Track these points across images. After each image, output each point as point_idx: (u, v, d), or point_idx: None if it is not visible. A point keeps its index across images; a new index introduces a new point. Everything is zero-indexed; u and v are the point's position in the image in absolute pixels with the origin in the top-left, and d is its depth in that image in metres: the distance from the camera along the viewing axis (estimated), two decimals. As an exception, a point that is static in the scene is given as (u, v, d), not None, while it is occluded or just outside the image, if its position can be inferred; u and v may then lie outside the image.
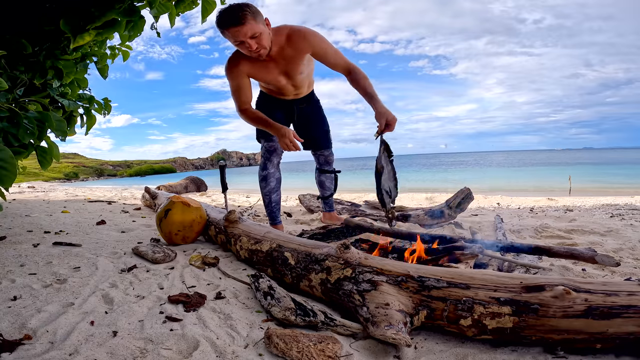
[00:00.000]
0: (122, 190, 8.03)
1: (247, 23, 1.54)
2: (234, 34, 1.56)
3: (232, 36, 1.58)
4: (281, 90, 1.97)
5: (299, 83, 1.95)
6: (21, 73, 1.56)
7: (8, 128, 1.24)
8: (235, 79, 1.79)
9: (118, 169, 45.08)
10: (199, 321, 1.00)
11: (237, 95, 1.83)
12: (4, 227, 2.28)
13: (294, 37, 1.73)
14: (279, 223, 2.18)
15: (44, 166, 1.43)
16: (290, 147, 1.71)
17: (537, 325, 0.82)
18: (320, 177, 2.34)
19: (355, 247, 1.24)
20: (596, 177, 10.13)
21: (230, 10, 1.54)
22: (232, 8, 1.55)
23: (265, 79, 1.86)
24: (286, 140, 1.69)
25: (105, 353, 0.83)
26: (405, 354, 0.86)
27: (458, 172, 18.29)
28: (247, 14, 1.53)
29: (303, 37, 1.74)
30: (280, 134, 1.71)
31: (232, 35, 1.57)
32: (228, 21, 1.54)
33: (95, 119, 2.12)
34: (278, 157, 2.12)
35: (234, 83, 1.81)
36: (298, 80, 1.92)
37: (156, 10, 1.52)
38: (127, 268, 1.47)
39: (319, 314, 0.99)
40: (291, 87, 1.96)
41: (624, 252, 1.62)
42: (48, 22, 1.54)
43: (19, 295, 1.15)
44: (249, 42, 1.58)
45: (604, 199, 3.97)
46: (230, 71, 1.80)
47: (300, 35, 1.73)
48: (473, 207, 3.32)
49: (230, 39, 1.60)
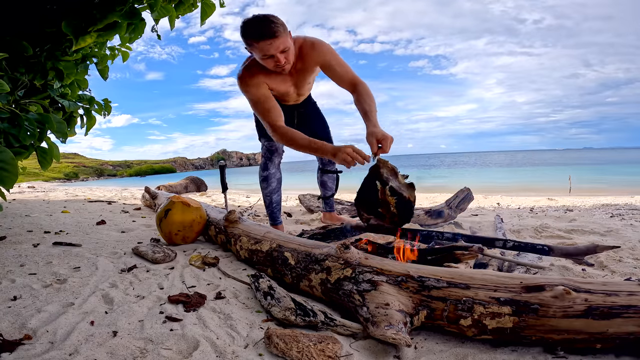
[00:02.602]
0: (122, 190, 8.04)
1: (280, 37, 1.45)
2: (265, 47, 1.45)
3: (262, 49, 1.46)
4: (284, 97, 1.92)
5: (304, 91, 1.95)
6: (22, 75, 1.56)
7: (9, 129, 1.24)
8: (258, 90, 1.63)
9: (118, 169, 45.09)
10: (199, 321, 1.00)
11: (266, 108, 1.62)
12: (4, 227, 2.28)
13: (304, 49, 1.67)
14: (279, 223, 2.18)
15: (44, 166, 1.44)
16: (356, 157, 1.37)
17: (537, 325, 0.82)
18: (323, 177, 2.34)
19: (355, 247, 1.24)
20: (596, 177, 10.13)
21: (261, 22, 1.43)
22: (261, 20, 1.44)
23: (280, 90, 1.78)
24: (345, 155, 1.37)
25: (105, 353, 0.83)
26: (405, 354, 0.86)
27: (458, 172, 18.29)
28: (280, 27, 1.44)
29: (312, 48, 1.66)
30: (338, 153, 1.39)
31: (262, 48, 1.46)
32: (260, 34, 1.43)
33: (95, 119, 2.12)
34: (279, 157, 2.12)
35: (257, 95, 1.63)
36: (304, 89, 1.92)
37: (157, 13, 1.52)
38: (127, 268, 1.47)
39: (319, 314, 0.99)
40: (295, 95, 1.94)
41: (624, 252, 1.62)
42: (49, 23, 1.54)
43: (19, 295, 1.15)
44: (278, 57, 1.49)
45: (604, 199, 3.97)
46: (249, 84, 1.63)
47: (311, 47, 1.67)
48: (473, 207, 3.32)
49: (257, 52, 1.49)
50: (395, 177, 1.35)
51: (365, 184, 1.36)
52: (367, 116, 1.52)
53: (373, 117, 1.51)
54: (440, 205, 2.42)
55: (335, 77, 1.71)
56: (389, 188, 1.32)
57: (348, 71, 1.70)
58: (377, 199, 1.34)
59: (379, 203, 1.35)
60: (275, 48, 1.46)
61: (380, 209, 1.35)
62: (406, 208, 1.35)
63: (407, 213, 1.36)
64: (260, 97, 1.63)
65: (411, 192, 1.36)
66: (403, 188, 1.35)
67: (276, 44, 1.45)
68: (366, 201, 1.37)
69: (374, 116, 1.52)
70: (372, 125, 1.46)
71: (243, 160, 67.79)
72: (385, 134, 1.38)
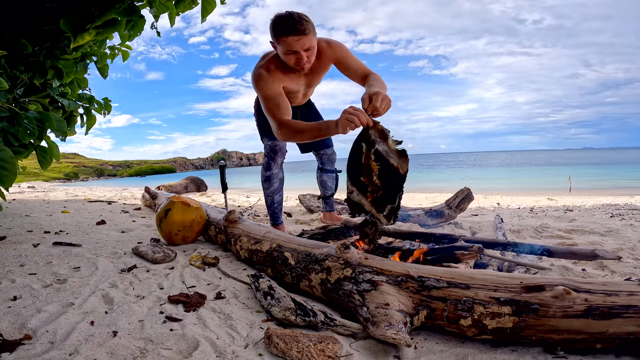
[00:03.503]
0: (122, 190, 8.03)
1: (308, 34, 1.48)
2: (293, 43, 1.48)
3: (289, 45, 1.49)
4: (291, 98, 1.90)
5: (311, 92, 1.96)
6: (21, 73, 1.56)
7: (8, 128, 1.24)
8: (271, 84, 1.63)
9: (118, 169, 45.07)
10: (199, 321, 1.00)
11: (276, 104, 1.60)
12: (4, 227, 2.28)
13: (321, 48, 1.66)
14: (280, 224, 2.18)
15: (44, 166, 1.43)
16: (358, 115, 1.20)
17: (537, 325, 0.82)
18: (323, 177, 2.34)
19: (355, 247, 1.24)
20: (596, 177, 10.13)
21: (293, 19, 1.46)
22: (293, 16, 1.47)
23: (292, 89, 1.79)
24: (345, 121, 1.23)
25: (105, 353, 0.83)
26: (405, 354, 0.86)
27: (458, 172, 18.29)
28: (309, 25, 1.48)
29: (328, 46, 1.69)
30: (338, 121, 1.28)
31: (290, 43, 1.48)
32: (291, 29, 1.46)
33: (95, 118, 2.12)
34: (282, 157, 2.11)
35: (271, 91, 1.62)
36: (312, 90, 1.93)
37: (156, 9, 1.52)
38: (127, 268, 1.47)
39: (319, 314, 0.99)
40: (301, 96, 1.95)
41: (624, 252, 1.62)
42: (48, 21, 1.54)
43: (19, 295, 1.15)
44: (302, 54, 1.51)
45: (604, 199, 3.98)
46: (265, 80, 1.63)
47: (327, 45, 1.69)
48: (473, 207, 3.32)
49: (283, 46, 1.51)
50: (384, 141, 1.18)
51: (353, 147, 1.21)
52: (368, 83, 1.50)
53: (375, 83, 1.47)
54: (440, 205, 2.42)
55: (350, 71, 1.71)
56: (374, 151, 1.16)
57: (361, 65, 1.72)
58: (361, 165, 1.19)
59: (363, 169, 1.19)
60: (302, 45, 1.49)
61: (362, 177, 1.19)
62: (392, 180, 1.17)
63: (393, 188, 1.17)
64: (274, 93, 1.62)
65: (401, 162, 1.17)
66: (392, 154, 1.17)
67: (303, 41, 1.48)
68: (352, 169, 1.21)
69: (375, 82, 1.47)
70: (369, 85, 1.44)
71: (243, 160, 67.78)
72: (378, 90, 1.24)
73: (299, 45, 1.49)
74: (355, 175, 1.21)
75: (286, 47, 1.51)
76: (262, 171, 2.13)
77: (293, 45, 1.49)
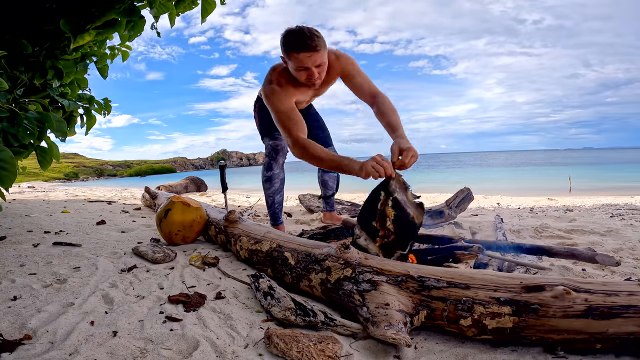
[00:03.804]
0: (122, 190, 8.03)
1: (320, 51, 1.47)
2: (304, 59, 1.47)
3: (300, 61, 1.47)
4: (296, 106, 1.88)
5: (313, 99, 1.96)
6: (21, 73, 1.56)
7: (8, 128, 1.24)
8: (286, 101, 1.59)
9: (118, 169, 45.05)
10: (199, 321, 1.00)
11: (292, 120, 1.55)
12: (4, 227, 2.28)
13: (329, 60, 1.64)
14: (281, 224, 2.17)
15: (43, 166, 1.44)
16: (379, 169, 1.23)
17: (537, 325, 0.82)
18: (324, 176, 2.34)
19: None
20: (596, 177, 10.13)
21: (304, 34, 1.44)
22: (304, 32, 1.45)
23: (299, 100, 1.77)
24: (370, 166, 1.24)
25: (105, 353, 0.83)
26: (405, 354, 0.86)
27: (458, 172, 18.28)
28: (321, 42, 1.47)
29: (336, 59, 1.67)
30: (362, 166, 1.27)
31: (301, 60, 1.47)
32: (302, 45, 1.44)
33: (95, 119, 2.12)
34: (284, 157, 2.11)
35: (285, 106, 1.58)
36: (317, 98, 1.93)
37: (156, 10, 1.52)
38: (127, 268, 1.47)
39: (319, 314, 0.99)
40: (305, 104, 1.95)
41: (624, 252, 1.62)
42: (48, 22, 1.54)
43: (19, 295, 1.15)
44: (313, 70, 1.50)
45: (604, 199, 3.98)
46: (279, 95, 1.59)
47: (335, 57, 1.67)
48: (473, 207, 3.32)
49: (294, 62, 1.49)
50: (403, 192, 1.25)
51: (371, 194, 1.25)
52: (392, 127, 1.47)
53: (399, 128, 1.46)
54: (440, 205, 2.42)
55: (356, 87, 1.70)
56: (392, 199, 1.21)
57: (369, 83, 1.70)
58: (376, 210, 1.22)
59: (377, 215, 1.21)
60: (313, 62, 1.48)
61: (375, 222, 1.21)
62: (406, 229, 1.21)
63: (406, 236, 1.21)
64: (287, 108, 1.58)
65: (417, 213, 1.24)
66: (409, 204, 1.24)
67: (314, 57, 1.47)
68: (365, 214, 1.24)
69: (399, 128, 1.46)
70: (398, 136, 1.41)
71: (243, 160, 67.78)
72: (409, 146, 1.29)
73: (310, 62, 1.48)
74: (366, 219, 1.23)
75: (297, 63, 1.49)
76: (263, 171, 2.12)
77: (304, 61, 1.48)
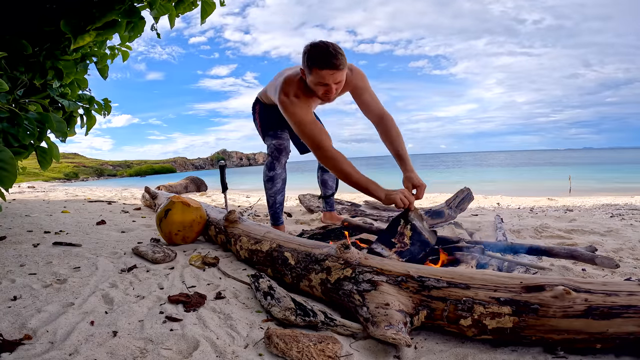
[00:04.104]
0: (122, 190, 8.03)
1: (342, 69, 1.47)
2: (327, 76, 1.47)
3: (322, 77, 1.47)
4: None
5: None
6: (21, 74, 1.56)
7: (8, 129, 1.24)
8: (308, 112, 1.61)
9: (118, 169, 45.03)
10: (199, 321, 1.00)
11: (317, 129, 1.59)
12: (4, 227, 2.28)
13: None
14: (281, 224, 2.17)
15: (43, 166, 1.44)
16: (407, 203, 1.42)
17: (537, 325, 0.82)
18: (324, 176, 2.34)
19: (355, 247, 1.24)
20: (596, 177, 10.13)
21: (329, 52, 1.44)
22: (329, 49, 1.45)
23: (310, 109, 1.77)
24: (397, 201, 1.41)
25: (105, 353, 0.83)
26: (405, 354, 0.86)
27: (458, 172, 18.28)
28: (344, 60, 1.47)
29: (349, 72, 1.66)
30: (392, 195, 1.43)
31: (323, 76, 1.47)
32: (327, 63, 1.44)
33: (95, 119, 2.12)
34: (286, 156, 2.10)
35: (307, 117, 1.60)
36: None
37: (156, 11, 1.52)
38: (127, 268, 1.47)
39: (319, 314, 0.99)
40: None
41: (624, 252, 1.62)
42: (48, 22, 1.54)
43: (19, 295, 1.15)
44: (332, 87, 1.51)
45: (604, 199, 3.97)
46: (300, 107, 1.60)
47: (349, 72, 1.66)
48: (473, 207, 3.32)
49: (315, 77, 1.49)
50: (420, 221, 1.45)
51: (392, 221, 1.46)
52: (401, 159, 1.61)
53: (408, 160, 1.59)
54: (440, 205, 2.42)
55: (363, 103, 1.73)
56: (411, 225, 1.40)
57: (376, 101, 1.74)
58: (396, 231, 1.41)
59: (397, 235, 1.40)
60: (334, 79, 1.49)
61: (394, 239, 1.39)
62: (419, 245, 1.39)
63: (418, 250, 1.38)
64: (309, 119, 1.61)
65: (431, 237, 1.44)
66: (424, 230, 1.43)
67: (336, 75, 1.48)
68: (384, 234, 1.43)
69: (408, 159, 1.60)
70: (409, 170, 1.56)
71: (243, 160, 67.75)
72: (421, 182, 1.51)
73: (332, 79, 1.48)
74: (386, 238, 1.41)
75: (319, 79, 1.49)
76: (266, 171, 2.12)
77: (327, 78, 1.47)
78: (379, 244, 1.39)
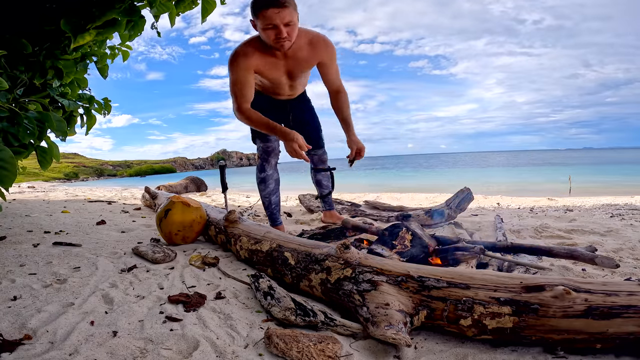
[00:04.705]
0: (122, 190, 8.03)
1: (288, 7, 1.50)
2: (272, 15, 1.49)
3: (268, 18, 1.50)
4: (277, 90, 1.94)
5: (297, 84, 1.95)
6: (21, 73, 1.56)
7: (8, 128, 1.24)
8: (242, 71, 1.68)
9: (118, 169, 45.00)
10: (199, 321, 1.00)
11: (240, 89, 1.69)
12: (4, 227, 2.28)
13: (316, 41, 1.76)
14: (279, 224, 2.17)
15: (43, 166, 1.44)
16: (299, 154, 1.59)
17: (537, 325, 0.82)
18: (317, 177, 2.34)
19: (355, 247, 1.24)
20: (596, 177, 10.13)
21: None
22: None
23: (270, 76, 1.81)
24: (295, 146, 1.58)
25: (105, 353, 0.83)
26: (405, 354, 0.86)
27: (458, 172, 18.29)
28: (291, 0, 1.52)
29: (324, 43, 1.78)
30: (289, 138, 1.59)
31: (269, 16, 1.49)
32: (270, 2, 1.48)
33: (95, 119, 2.12)
34: (276, 158, 2.11)
35: (239, 76, 1.69)
36: (298, 81, 1.92)
37: (156, 9, 1.52)
38: (127, 268, 1.47)
39: (319, 314, 0.99)
40: (288, 88, 1.94)
41: (624, 252, 1.62)
42: (48, 22, 1.54)
43: (19, 295, 1.15)
44: (281, 29, 1.52)
45: (604, 199, 3.97)
46: (237, 63, 1.69)
47: (323, 41, 1.78)
48: (473, 207, 3.32)
49: (262, 21, 1.52)
50: (421, 230, 1.58)
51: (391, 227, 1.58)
52: (348, 126, 1.92)
53: (352, 126, 1.92)
54: (440, 205, 2.42)
55: (328, 76, 1.90)
56: (412, 232, 1.52)
57: (338, 77, 1.94)
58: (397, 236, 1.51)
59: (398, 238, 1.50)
60: (281, 19, 1.50)
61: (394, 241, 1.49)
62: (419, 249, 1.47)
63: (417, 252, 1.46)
64: (243, 80, 1.70)
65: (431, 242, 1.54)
66: (425, 237, 1.53)
67: (283, 14, 1.50)
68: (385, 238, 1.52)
69: (352, 126, 1.92)
70: (352, 134, 1.90)
71: (243, 160, 67.72)
72: (362, 145, 1.86)
73: (278, 19, 1.50)
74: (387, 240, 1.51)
75: (265, 21, 1.52)
76: (257, 173, 2.13)
77: (273, 18, 1.50)
78: (379, 245, 1.46)
